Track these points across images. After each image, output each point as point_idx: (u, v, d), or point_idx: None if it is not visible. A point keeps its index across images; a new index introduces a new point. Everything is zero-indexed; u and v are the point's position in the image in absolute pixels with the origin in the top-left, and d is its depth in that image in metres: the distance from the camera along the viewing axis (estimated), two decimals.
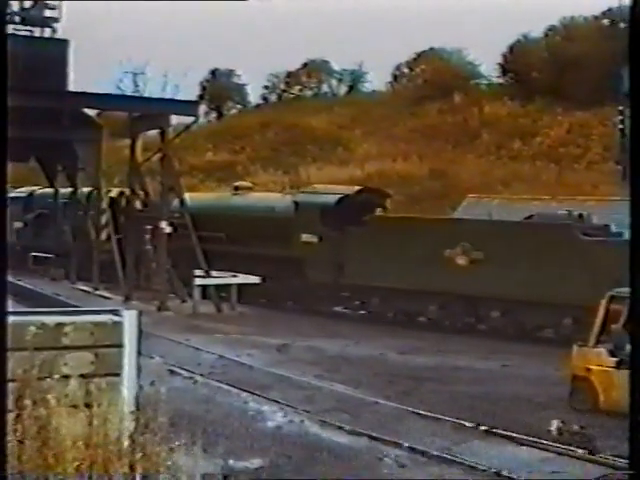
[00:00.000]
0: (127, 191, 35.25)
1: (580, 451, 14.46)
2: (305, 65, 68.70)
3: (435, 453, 14.26)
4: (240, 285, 31.81)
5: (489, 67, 58.80)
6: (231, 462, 12.85)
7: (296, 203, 32.01)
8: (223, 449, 13.05)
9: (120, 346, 9.53)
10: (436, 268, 27.28)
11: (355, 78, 68.52)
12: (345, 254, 30.10)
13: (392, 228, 29.34)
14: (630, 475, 7.63)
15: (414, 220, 30.23)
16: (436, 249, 27.48)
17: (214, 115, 71.49)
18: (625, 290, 18.17)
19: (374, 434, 15.20)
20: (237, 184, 37.50)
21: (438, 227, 29.04)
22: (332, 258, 30.19)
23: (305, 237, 31.08)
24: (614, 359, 17.41)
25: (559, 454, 14.52)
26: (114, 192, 36.76)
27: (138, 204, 35.15)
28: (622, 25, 47.99)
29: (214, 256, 32.49)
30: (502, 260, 26.18)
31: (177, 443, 9.16)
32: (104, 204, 34.78)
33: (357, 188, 32.55)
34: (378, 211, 31.25)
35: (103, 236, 34.68)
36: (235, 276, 31.66)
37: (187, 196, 36.88)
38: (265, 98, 71.18)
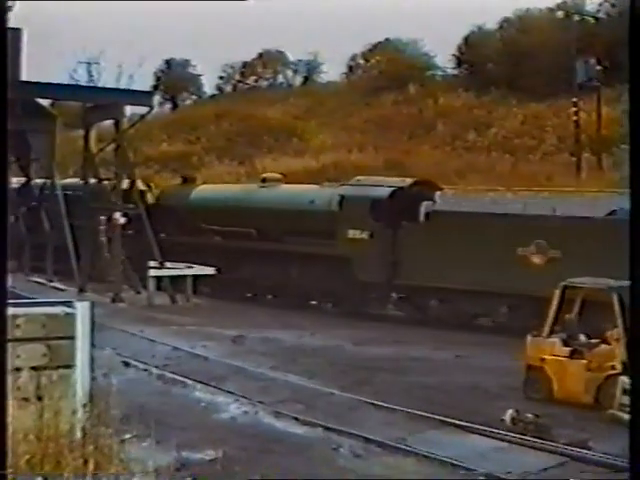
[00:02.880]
0: (139, 184, 34.90)
1: (534, 440, 14.57)
2: (260, 56, 68.51)
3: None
4: (271, 283, 31.00)
5: (444, 58, 59.02)
6: (185, 454, 12.80)
7: (342, 196, 29.38)
8: (177, 441, 13.01)
9: (73, 338, 9.45)
10: (507, 267, 25.10)
11: (310, 69, 68.45)
12: (400, 252, 27.88)
13: (455, 224, 26.96)
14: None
15: (481, 216, 26.99)
16: (507, 247, 25.42)
17: (169, 105, 71.14)
18: (578, 280, 18.41)
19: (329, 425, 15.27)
20: (265, 175, 34.67)
21: (508, 223, 26.17)
22: (385, 256, 27.99)
23: (353, 233, 28.75)
24: (568, 349, 17.58)
25: (513, 443, 14.63)
26: (125, 184, 35.77)
27: (150, 198, 34.94)
28: (576, 18, 48.30)
29: (243, 253, 31.51)
30: (584, 259, 23.33)
31: (129, 435, 9.11)
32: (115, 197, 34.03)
33: (410, 180, 29.67)
34: (426, 205, 28.04)
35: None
36: (190, 267, 31.43)
37: (205, 188, 35.91)
38: (220, 89, 70.92)
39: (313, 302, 31.05)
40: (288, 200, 31.23)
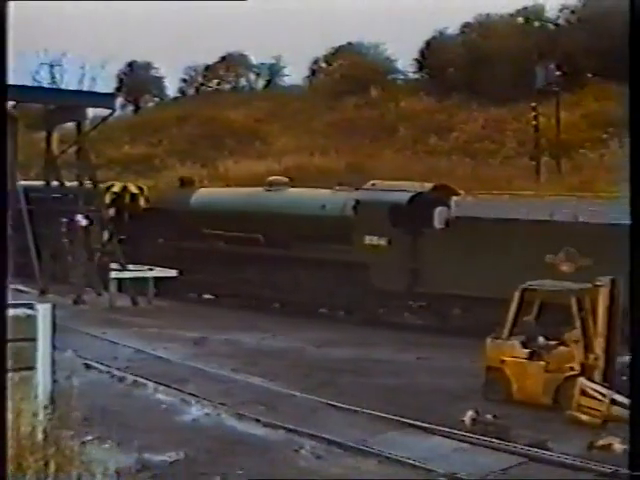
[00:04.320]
0: (132, 187, 34.66)
1: (494, 441, 14.70)
2: (223, 59, 68.39)
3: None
4: (278, 291, 30.16)
5: (406, 62, 59.22)
6: (147, 456, 12.82)
7: (357, 201, 28.37)
8: (139, 443, 13.03)
9: (34, 340, 9.47)
10: (535, 275, 22.15)
11: (273, 72, 68.42)
12: (421, 259, 26.95)
13: (479, 230, 25.89)
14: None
15: (507, 222, 25.71)
16: (535, 254, 24.12)
17: (131, 108, 70.89)
18: (537, 283, 18.62)
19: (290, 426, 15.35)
20: (271, 179, 32.81)
21: (536, 230, 25.03)
22: (405, 263, 27.01)
23: (369, 239, 27.78)
24: (526, 350, 17.76)
25: (473, 444, 14.76)
26: (117, 187, 35.35)
27: (142, 201, 34.60)
28: (536, 24, 48.77)
29: (249, 260, 30.68)
30: (616, 267, 21.66)
31: (91, 437, 9.13)
32: (107, 200, 33.82)
33: (430, 185, 28.56)
34: (440, 210, 27.02)
35: (106, 235, 33.55)
36: (151, 269, 31.37)
37: (206, 192, 34.82)
38: (183, 91, 70.76)
39: (323, 310, 29.99)
40: (297, 205, 30.30)
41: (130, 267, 31.22)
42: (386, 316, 28.35)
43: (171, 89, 72.29)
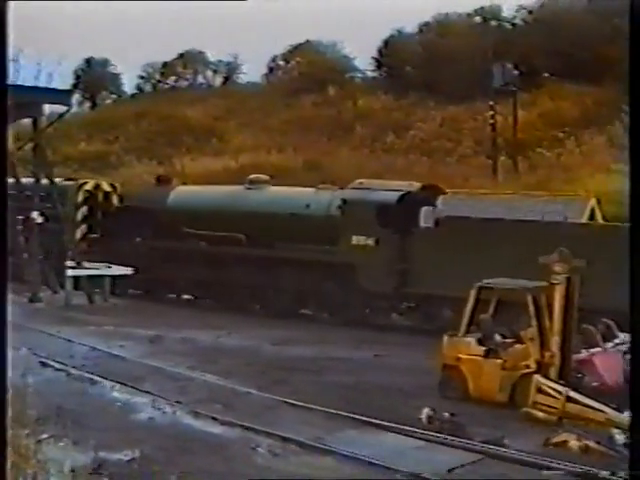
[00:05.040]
0: (104, 185, 34.38)
1: (450, 438, 14.78)
2: (181, 56, 68.21)
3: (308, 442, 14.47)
4: (260, 291, 29.38)
5: (364, 61, 59.33)
6: (103, 454, 12.76)
7: (344, 200, 27.75)
8: (95, 441, 12.96)
9: None
10: (526, 276, 20.86)
11: (231, 69, 68.31)
12: (410, 259, 26.46)
13: (470, 230, 25.57)
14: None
15: (498, 222, 25.58)
16: (527, 255, 22.35)
17: (88, 104, 70.46)
18: (493, 281, 18.74)
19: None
20: (252, 177, 31.70)
21: (529, 230, 24.68)
22: (392, 264, 26.54)
23: (357, 239, 27.26)
24: (483, 348, 17.87)
25: (430, 441, 14.82)
26: (89, 185, 34.68)
27: (115, 199, 34.26)
28: (493, 23, 49.10)
29: (231, 260, 29.88)
30: (610, 268, 21.07)
31: (46, 436, 9.08)
32: (79, 198, 33.30)
33: (418, 184, 28.08)
34: (425, 210, 26.61)
35: (78, 234, 33.30)
36: (108, 267, 31.14)
37: (184, 190, 33.94)
38: (140, 88, 70.44)
39: (304, 311, 29.33)
40: (280, 204, 29.53)
41: (86, 265, 31.00)
42: (372, 317, 27.85)
43: (128, 86, 72.05)
